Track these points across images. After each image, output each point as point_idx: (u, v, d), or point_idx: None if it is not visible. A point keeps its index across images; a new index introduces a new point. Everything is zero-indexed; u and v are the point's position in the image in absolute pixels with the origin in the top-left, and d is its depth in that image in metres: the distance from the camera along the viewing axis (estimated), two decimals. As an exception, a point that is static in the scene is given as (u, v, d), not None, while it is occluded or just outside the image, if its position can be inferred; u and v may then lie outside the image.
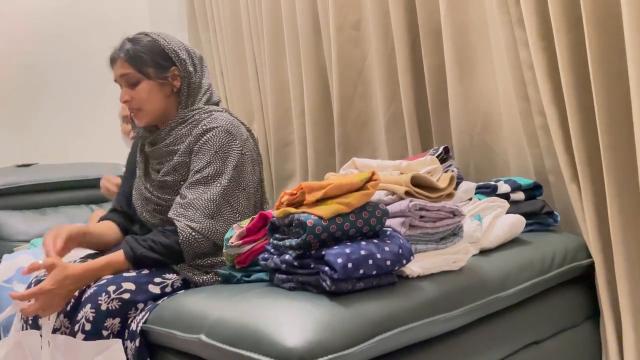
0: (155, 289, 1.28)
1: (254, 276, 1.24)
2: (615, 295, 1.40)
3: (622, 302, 1.37)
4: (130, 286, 1.24)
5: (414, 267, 1.13)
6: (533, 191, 1.58)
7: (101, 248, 1.48)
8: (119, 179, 2.03)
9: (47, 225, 2.39)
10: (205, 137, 1.37)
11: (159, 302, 1.24)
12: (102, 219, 1.58)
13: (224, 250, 1.27)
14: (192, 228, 1.31)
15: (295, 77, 2.26)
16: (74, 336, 1.20)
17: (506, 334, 1.29)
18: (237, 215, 1.37)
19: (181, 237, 1.30)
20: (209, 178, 1.35)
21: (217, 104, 1.50)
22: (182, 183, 1.40)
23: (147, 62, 1.41)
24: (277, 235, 1.12)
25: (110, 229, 1.53)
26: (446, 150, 1.58)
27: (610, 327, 1.42)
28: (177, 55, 1.43)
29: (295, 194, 1.08)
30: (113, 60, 1.46)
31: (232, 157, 1.36)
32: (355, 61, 2.05)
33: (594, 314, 1.49)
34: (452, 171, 1.51)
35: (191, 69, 1.44)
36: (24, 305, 1.21)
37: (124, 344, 1.21)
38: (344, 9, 2.02)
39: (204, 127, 1.38)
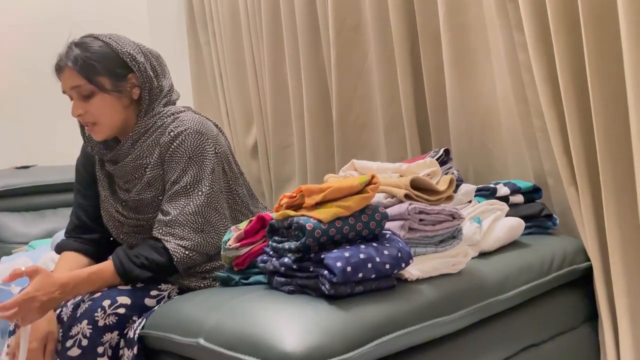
0: (151, 302, 1.25)
1: (252, 278, 1.24)
2: (613, 298, 1.40)
3: (619, 306, 1.37)
4: (126, 300, 1.20)
5: (413, 271, 1.13)
6: (532, 194, 1.58)
7: None
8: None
9: (46, 227, 2.39)
10: (175, 143, 1.27)
11: (155, 307, 1.23)
12: (61, 247, 1.42)
13: (221, 253, 1.27)
14: (184, 247, 1.24)
15: (295, 79, 2.26)
16: (67, 351, 1.17)
17: (505, 337, 1.29)
18: (225, 219, 1.32)
19: (175, 259, 1.24)
20: (189, 187, 1.26)
21: (175, 103, 1.38)
22: (160, 198, 1.31)
23: (101, 71, 1.26)
24: (276, 238, 1.12)
25: (79, 267, 1.36)
26: (446, 152, 1.58)
27: (608, 330, 1.42)
28: (134, 60, 1.28)
29: (295, 196, 1.08)
30: (59, 70, 1.30)
31: (207, 161, 1.28)
32: (355, 63, 2.05)
33: (593, 317, 1.49)
34: (452, 173, 1.50)
35: (151, 73, 1.30)
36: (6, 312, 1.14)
37: (120, 352, 1.19)
38: (343, 11, 2.02)
39: (171, 133, 1.28)
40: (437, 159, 1.51)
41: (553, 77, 1.47)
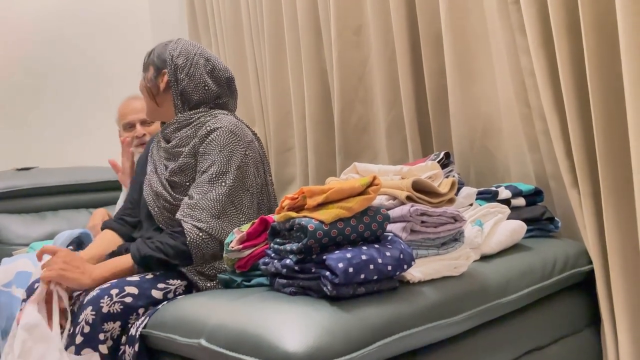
0: (157, 294, 1.27)
1: (254, 281, 1.24)
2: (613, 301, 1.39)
3: (618, 310, 1.36)
4: (133, 290, 1.24)
5: (415, 273, 1.13)
6: (534, 197, 1.58)
7: None
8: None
9: (46, 229, 2.38)
10: (209, 138, 1.40)
11: (159, 306, 1.23)
12: (105, 225, 1.58)
13: (224, 255, 1.27)
14: (198, 228, 1.32)
15: (296, 82, 2.26)
16: (74, 339, 1.19)
17: (507, 340, 1.28)
18: (241, 215, 1.38)
19: (189, 239, 1.31)
20: (214, 176, 1.37)
21: (226, 110, 1.53)
22: (188, 184, 1.43)
23: (147, 65, 1.55)
24: (278, 240, 1.12)
25: (113, 243, 1.52)
26: (447, 155, 1.57)
27: (609, 334, 1.42)
28: (173, 60, 1.51)
29: (297, 198, 1.08)
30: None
31: (235, 157, 1.39)
32: (356, 66, 2.05)
33: (596, 320, 1.49)
34: (453, 176, 1.50)
35: (180, 75, 1.50)
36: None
37: (121, 348, 1.20)
38: (345, 13, 2.03)
39: (208, 127, 1.42)
40: (437, 162, 1.50)
41: (555, 80, 1.47)
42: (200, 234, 1.31)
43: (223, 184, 1.37)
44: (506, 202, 1.51)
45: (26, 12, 2.87)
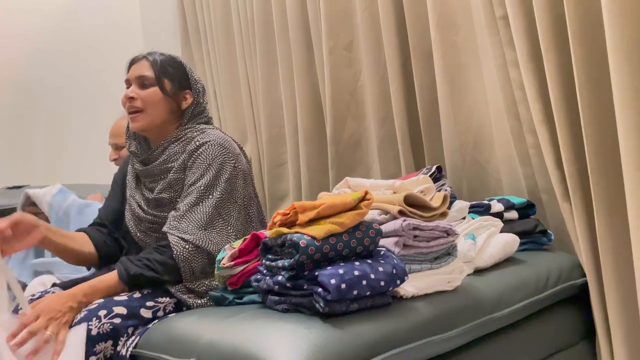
0: (147, 313, 1.26)
1: (246, 298, 1.22)
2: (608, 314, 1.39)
3: (612, 322, 1.36)
4: (122, 310, 1.22)
5: (408, 288, 1.12)
6: (526, 210, 1.58)
7: (65, 255, 1.42)
8: None
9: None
10: (198, 151, 1.40)
11: (149, 325, 1.22)
12: (79, 230, 1.54)
13: (215, 272, 1.26)
14: (184, 240, 1.31)
15: (289, 97, 2.27)
16: None
17: (502, 355, 1.28)
18: (230, 227, 1.38)
19: (175, 252, 1.30)
20: (202, 189, 1.37)
21: (209, 124, 1.53)
22: (178, 200, 1.42)
23: (169, 75, 1.45)
24: (270, 256, 1.11)
25: (81, 239, 1.47)
26: (439, 169, 1.58)
27: (605, 346, 1.41)
28: (195, 82, 1.51)
29: (288, 213, 1.08)
30: (136, 60, 1.48)
31: (224, 170, 1.39)
32: (348, 82, 2.07)
33: (590, 333, 1.48)
34: (445, 190, 1.50)
35: (201, 98, 1.52)
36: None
37: None
38: (337, 30, 2.04)
39: (197, 142, 1.41)
40: (429, 176, 1.51)
41: (545, 93, 1.48)
42: (187, 246, 1.30)
43: (210, 196, 1.36)
44: (499, 215, 1.51)
45: (17, 32, 2.88)
